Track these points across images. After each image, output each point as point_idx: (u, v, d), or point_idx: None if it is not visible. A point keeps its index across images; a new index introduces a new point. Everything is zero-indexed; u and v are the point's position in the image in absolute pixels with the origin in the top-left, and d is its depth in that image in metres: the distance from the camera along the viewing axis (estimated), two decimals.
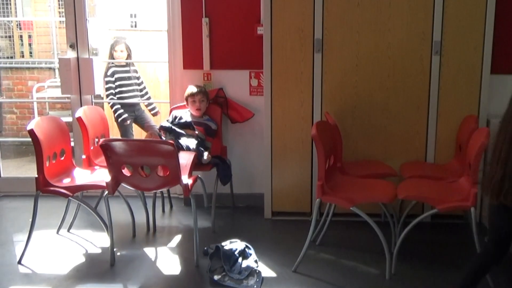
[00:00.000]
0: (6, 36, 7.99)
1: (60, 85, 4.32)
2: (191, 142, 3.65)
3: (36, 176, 3.16)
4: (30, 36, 8.01)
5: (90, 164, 3.64)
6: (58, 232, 3.66)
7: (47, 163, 3.20)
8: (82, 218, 3.85)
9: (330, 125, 3.43)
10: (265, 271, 3.07)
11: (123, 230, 3.68)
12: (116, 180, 3.10)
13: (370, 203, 3.22)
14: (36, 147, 3.10)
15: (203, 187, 3.55)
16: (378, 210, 3.57)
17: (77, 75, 4.27)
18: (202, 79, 4.12)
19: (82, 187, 3.36)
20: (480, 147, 2.78)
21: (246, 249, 3.19)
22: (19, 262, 3.21)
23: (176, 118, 3.90)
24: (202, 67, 4.10)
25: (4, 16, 7.79)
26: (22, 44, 8.05)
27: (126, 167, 3.06)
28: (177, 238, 3.62)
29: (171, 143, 2.98)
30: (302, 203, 3.91)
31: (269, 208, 3.95)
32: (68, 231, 3.68)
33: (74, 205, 3.69)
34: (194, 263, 3.17)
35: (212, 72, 4.12)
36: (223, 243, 3.20)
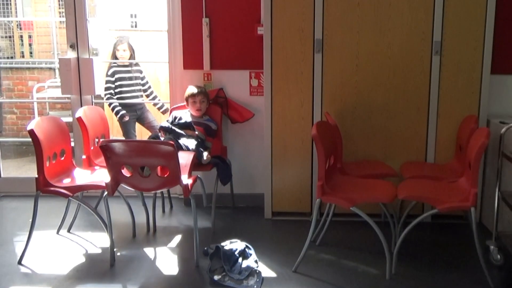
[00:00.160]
0: (6, 36, 8.00)
1: (60, 85, 4.32)
2: (191, 143, 3.65)
3: (36, 176, 3.16)
4: (30, 36, 8.01)
5: (90, 164, 3.64)
6: (58, 232, 3.66)
7: (47, 163, 3.20)
8: (82, 218, 3.85)
9: (330, 125, 3.43)
10: (265, 271, 3.07)
11: (123, 230, 3.68)
12: (116, 180, 3.10)
13: (370, 203, 3.22)
14: (36, 147, 3.10)
15: (202, 187, 3.55)
16: (378, 210, 3.57)
17: (77, 75, 4.27)
18: (202, 79, 4.12)
19: (82, 187, 3.36)
20: (480, 147, 2.78)
21: (246, 249, 3.19)
22: (19, 262, 3.21)
23: (176, 118, 3.90)
24: (202, 67, 4.10)
25: (4, 16, 7.80)
26: (23, 44, 8.05)
27: (126, 167, 3.06)
28: (177, 238, 3.62)
29: (171, 143, 2.98)
30: (302, 203, 3.91)
31: (269, 208, 3.96)
32: (68, 231, 3.68)
33: (74, 205, 3.69)
34: (194, 263, 3.17)
35: (212, 72, 4.12)
36: (223, 243, 3.20)
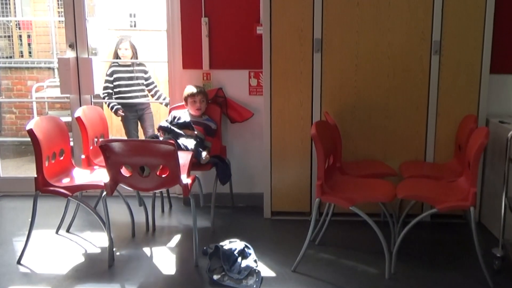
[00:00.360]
0: (5, 36, 7.99)
1: (59, 85, 4.31)
2: (190, 142, 3.64)
3: (35, 176, 3.16)
4: (29, 36, 8.00)
5: (89, 164, 3.63)
6: (57, 232, 3.66)
7: (47, 163, 3.19)
8: (81, 218, 3.85)
9: (329, 124, 3.43)
10: (264, 270, 3.07)
11: (123, 230, 3.68)
12: (115, 180, 3.09)
13: (369, 203, 3.22)
14: (35, 147, 3.10)
15: (199, 187, 3.55)
16: (377, 210, 3.57)
17: (76, 75, 4.26)
18: (201, 79, 4.12)
19: (81, 187, 3.35)
20: (479, 146, 2.78)
21: (246, 248, 3.19)
22: (18, 262, 3.20)
23: (175, 118, 3.89)
24: (201, 67, 4.09)
25: (3, 16, 7.79)
26: (21, 44, 8.04)
27: (125, 167, 3.05)
28: (176, 238, 3.62)
29: (171, 142, 2.97)
30: (302, 203, 3.91)
31: (268, 208, 3.95)
32: (67, 231, 3.68)
33: (73, 205, 3.69)
34: (193, 263, 3.17)
35: (211, 71, 4.11)
36: (223, 243, 3.20)
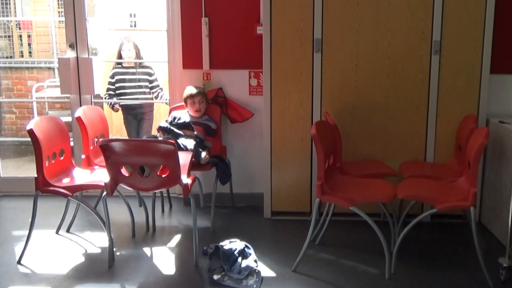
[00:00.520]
0: (5, 36, 7.99)
1: (60, 84, 4.31)
2: (189, 143, 3.64)
3: (36, 176, 3.16)
4: (29, 36, 8.00)
5: (89, 164, 3.64)
6: (57, 232, 3.66)
7: (47, 163, 3.19)
8: (82, 218, 3.85)
9: (329, 124, 3.43)
10: (264, 270, 3.07)
11: (123, 230, 3.68)
12: (115, 180, 3.09)
13: (369, 203, 3.22)
14: (35, 147, 3.10)
15: (199, 187, 3.55)
16: (377, 210, 3.57)
17: (76, 75, 4.27)
18: (201, 79, 4.12)
19: (81, 187, 3.35)
20: (479, 146, 2.78)
21: (246, 248, 3.19)
22: (19, 262, 3.20)
23: (175, 118, 3.89)
24: (201, 67, 4.09)
25: (3, 15, 7.79)
26: (22, 44, 8.04)
27: (125, 167, 3.05)
28: (176, 238, 3.62)
29: (171, 142, 2.97)
30: (302, 203, 3.91)
31: (268, 208, 3.95)
32: (68, 231, 3.68)
33: (73, 205, 3.69)
34: (193, 263, 3.17)
35: (211, 71, 4.11)
36: (223, 243, 3.20)
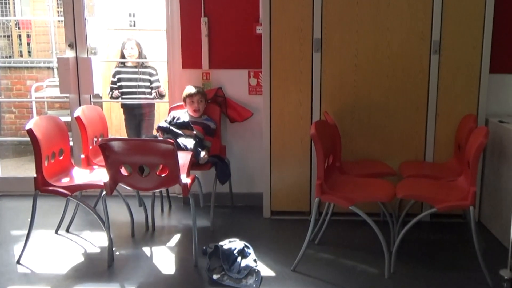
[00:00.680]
0: (4, 36, 8.00)
1: (59, 84, 4.31)
2: (189, 142, 3.64)
3: (35, 175, 3.15)
4: (28, 36, 8.01)
5: (89, 163, 3.63)
6: (56, 232, 3.65)
7: (46, 163, 3.19)
8: (81, 218, 3.85)
9: (329, 124, 3.43)
10: (264, 270, 3.07)
11: (122, 229, 3.68)
12: (115, 180, 3.09)
13: (369, 202, 3.23)
14: (34, 146, 3.09)
15: (199, 187, 3.54)
16: (377, 209, 3.57)
17: (75, 75, 4.26)
18: (201, 78, 4.12)
19: (81, 187, 3.35)
20: (479, 146, 2.78)
21: (245, 248, 3.19)
22: (18, 262, 3.20)
23: (174, 118, 3.89)
24: (201, 66, 4.09)
25: (2, 15, 7.79)
26: (21, 44, 8.05)
27: (124, 167, 3.05)
28: (176, 238, 3.62)
29: (170, 142, 2.97)
30: (301, 202, 3.91)
31: (268, 208, 3.95)
32: (67, 231, 3.68)
33: (73, 204, 3.69)
34: (193, 263, 3.16)
35: (211, 71, 4.11)
36: (222, 243, 3.20)
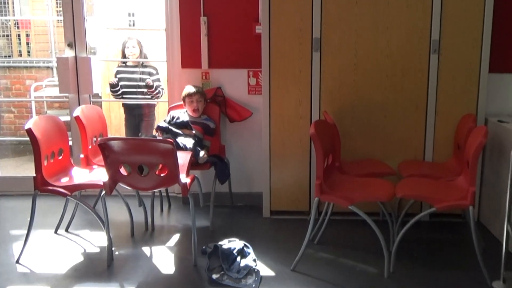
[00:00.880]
0: (3, 35, 8.00)
1: (58, 84, 4.31)
2: (188, 142, 3.64)
3: (34, 175, 3.15)
4: (28, 35, 8.01)
5: (88, 163, 3.63)
6: (56, 232, 3.65)
7: (45, 162, 3.19)
8: (80, 217, 3.84)
9: (328, 124, 3.43)
10: (263, 270, 3.07)
11: (122, 229, 3.68)
12: (114, 179, 3.09)
13: (368, 202, 3.22)
14: (34, 146, 3.09)
15: (198, 186, 3.55)
16: (376, 209, 3.57)
17: (75, 74, 4.26)
18: (200, 78, 4.12)
19: (80, 186, 3.35)
20: (478, 145, 2.78)
21: (245, 248, 3.19)
22: (17, 262, 3.20)
23: (173, 118, 3.89)
24: (200, 66, 4.09)
25: (1, 15, 7.79)
26: (20, 43, 8.05)
27: (123, 167, 3.05)
28: (175, 237, 3.62)
29: (170, 141, 2.97)
30: (301, 202, 3.91)
31: (267, 207, 3.95)
32: (66, 231, 3.68)
33: (72, 204, 3.68)
34: (192, 262, 3.16)
35: (210, 71, 4.11)
36: (222, 242, 3.20)
